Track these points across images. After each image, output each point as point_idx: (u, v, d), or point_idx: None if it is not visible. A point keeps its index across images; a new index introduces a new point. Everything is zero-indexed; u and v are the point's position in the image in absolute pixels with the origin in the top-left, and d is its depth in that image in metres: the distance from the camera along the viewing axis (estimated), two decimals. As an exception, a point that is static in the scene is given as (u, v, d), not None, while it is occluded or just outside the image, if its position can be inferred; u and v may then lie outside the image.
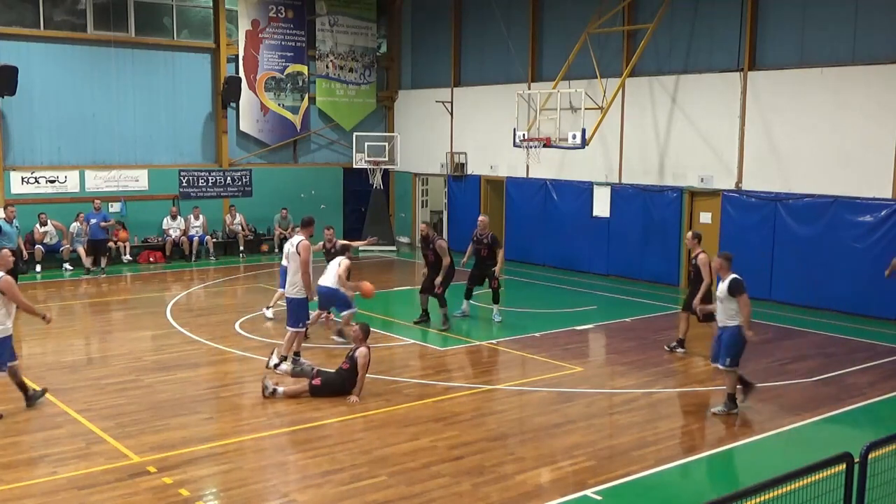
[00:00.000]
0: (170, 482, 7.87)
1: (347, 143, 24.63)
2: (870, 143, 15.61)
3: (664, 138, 18.98)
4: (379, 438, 9.11)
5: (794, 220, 16.72)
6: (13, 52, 19.75)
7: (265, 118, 23.60)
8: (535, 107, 18.29)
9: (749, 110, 17.37)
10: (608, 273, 19.93)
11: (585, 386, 11.29)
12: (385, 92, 25.98)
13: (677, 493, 8.10)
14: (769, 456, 8.90)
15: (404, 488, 7.81)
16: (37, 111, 20.40)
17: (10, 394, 10.59)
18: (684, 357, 12.91)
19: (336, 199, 25.20)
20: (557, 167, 20.89)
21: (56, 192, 20.65)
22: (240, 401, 10.59)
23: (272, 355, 11.51)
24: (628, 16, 19.26)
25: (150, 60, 21.80)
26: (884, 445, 5.83)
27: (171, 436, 9.11)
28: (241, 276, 20.16)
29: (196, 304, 16.88)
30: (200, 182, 22.82)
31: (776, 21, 17.06)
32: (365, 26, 25.09)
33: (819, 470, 5.32)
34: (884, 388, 11.30)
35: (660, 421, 9.91)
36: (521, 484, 7.97)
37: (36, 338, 13.91)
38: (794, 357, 12.89)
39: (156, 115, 22.06)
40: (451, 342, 13.58)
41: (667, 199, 18.86)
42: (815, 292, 16.40)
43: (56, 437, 9.07)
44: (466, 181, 23.60)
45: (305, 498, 7.64)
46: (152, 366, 11.98)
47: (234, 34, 23.01)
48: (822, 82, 16.22)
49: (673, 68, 18.79)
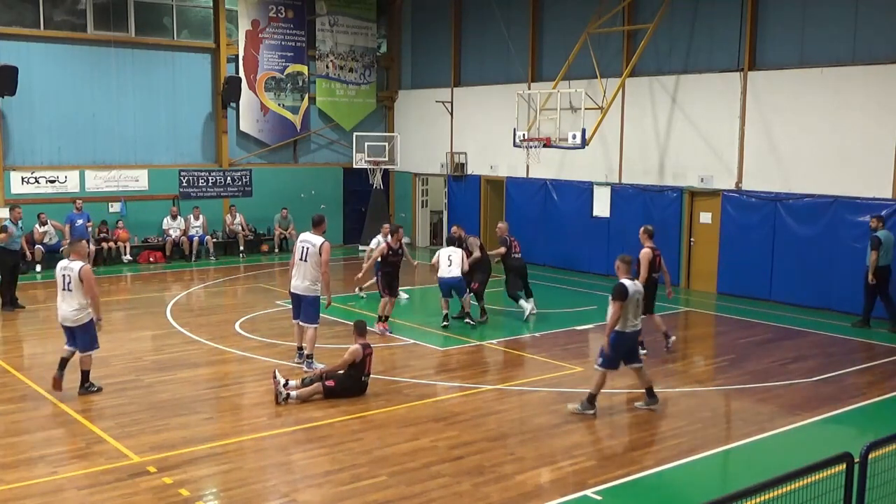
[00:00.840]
0: (170, 482, 7.87)
1: (347, 143, 24.64)
2: (870, 143, 15.62)
3: (664, 138, 18.98)
4: (379, 438, 9.11)
5: (794, 220, 16.73)
6: (13, 52, 19.76)
7: (265, 118, 23.60)
8: (535, 107, 18.29)
9: (749, 110, 17.37)
10: (608, 273, 19.87)
11: (585, 386, 11.26)
12: (385, 92, 25.98)
13: (677, 493, 8.11)
14: (769, 456, 8.90)
15: (404, 488, 7.81)
16: (37, 111, 20.40)
17: (11, 394, 10.60)
18: (684, 357, 12.91)
19: (336, 199, 25.20)
20: (557, 167, 20.89)
21: (56, 192, 20.65)
22: (240, 401, 10.60)
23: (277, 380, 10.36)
24: (628, 16, 19.26)
25: (150, 60, 21.80)
26: (884, 445, 5.82)
27: (171, 436, 9.10)
28: (241, 276, 20.16)
29: (196, 304, 16.88)
30: (200, 182, 22.83)
31: (776, 21, 17.06)
32: (365, 26, 25.09)
33: (819, 470, 5.32)
34: (884, 388, 11.30)
35: (660, 421, 9.91)
36: (521, 484, 7.97)
37: (36, 338, 13.92)
38: (794, 357, 12.89)
39: (156, 115, 22.06)
40: (451, 342, 13.58)
41: (667, 199, 18.86)
42: (815, 292, 16.40)
43: (56, 437, 9.07)
44: (466, 181, 23.60)
45: (305, 498, 7.64)
46: (152, 366, 11.98)
47: (234, 34, 23.01)
48: (822, 82, 16.22)
49: (673, 68, 18.79)
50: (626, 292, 9.75)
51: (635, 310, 9.96)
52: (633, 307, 9.88)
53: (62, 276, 10.31)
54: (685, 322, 16.08)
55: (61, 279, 10.33)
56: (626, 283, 9.87)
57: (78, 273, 10.18)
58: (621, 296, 9.73)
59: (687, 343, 14.74)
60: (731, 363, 12.66)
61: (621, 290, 9.76)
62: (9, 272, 15.72)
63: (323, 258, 11.38)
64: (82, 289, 10.21)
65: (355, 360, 10.39)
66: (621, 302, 9.72)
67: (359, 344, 10.47)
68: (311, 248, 11.51)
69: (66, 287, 10.27)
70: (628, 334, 9.95)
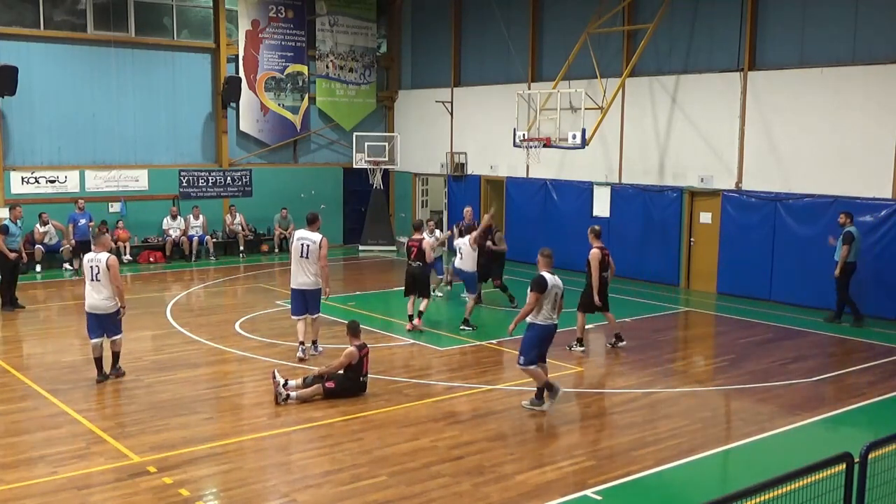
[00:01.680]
0: (170, 482, 7.87)
1: (347, 143, 24.63)
2: (870, 143, 15.61)
3: (664, 138, 18.98)
4: (379, 438, 9.11)
5: (794, 220, 16.73)
6: (13, 52, 19.75)
7: (265, 118, 23.60)
8: (535, 107, 18.29)
9: (749, 110, 17.37)
10: (608, 273, 19.90)
11: (585, 386, 11.29)
12: (385, 92, 25.98)
13: (677, 493, 8.11)
14: (769, 456, 8.90)
15: (404, 488, 7.81)
16: (37, 111, 20.40)
17: (11, 394, 10.61)
18: (685, 357, 12.91)
19: (336, 199, 25.20)
20: (557, 167, 20.89)
21: (56, 192, 20.64)
22: (240, 401, 10.60)
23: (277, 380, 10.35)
24: (628, 16, 19.26)
25: (150, 60, 21.80)
26: (884, 445, 5.83)
27: (171, 436, 9.10)
28: (241, 276, 20.16)
29: (196, 304, 16.88)
30: (200, 182, 22.83)
31: (776, 21, 17.06)
32: (365, 26, 25.09)
33: (819, 470, 5.32)
34: (884, 388, 11.30)
35: (660, 421, 9.91)
36: (521, 484, 7.97)
37: (36, 338, 13.93)
38: (794, 357, 12.88)
39: (156, 115, 22.06)
40: (451, 342, 13.58)
41: (667, 199, 18.86)
42: (815, 292, 16.39)
43: (56, 437, 9.07)
44: (466, 181, 23.60)
45: (305, 498, 7.64)
46: (152, 366, 11.97)
47: (234, 34, 23.01)
48: (822, 82, 16.22)
49: (673, 68, 18.79)
50: (545, 284, 9.87)
51: (553, 304, 10.03)
52: (550, 301, 9.96)
53: (90, 268, 10.80)
54: (685, 322, 16.09)
55: (89, 270, 10.80)
56: (545, 276, 9.98)
57: (105, 263, 10.72)
58: (539, 287, 9.85)
59: (687, 343, 14.76)
60: (731, 363, 12.66)
61: (540, 281, 9.90)
62: (9, 272, 15.72)
63: (322, 252, 12.03)
64: (110, 278, 10.71)
65: (352, 361, 10.42)
66: (538, 294, 9.84)
67: (354, 346, 10.48)
68: (311, 245, 12.02)
69: (95, 278, 10.77)
70: (545, 327, 10.02)
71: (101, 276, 10.72)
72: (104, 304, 10.82)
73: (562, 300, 10.23)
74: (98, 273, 10.73)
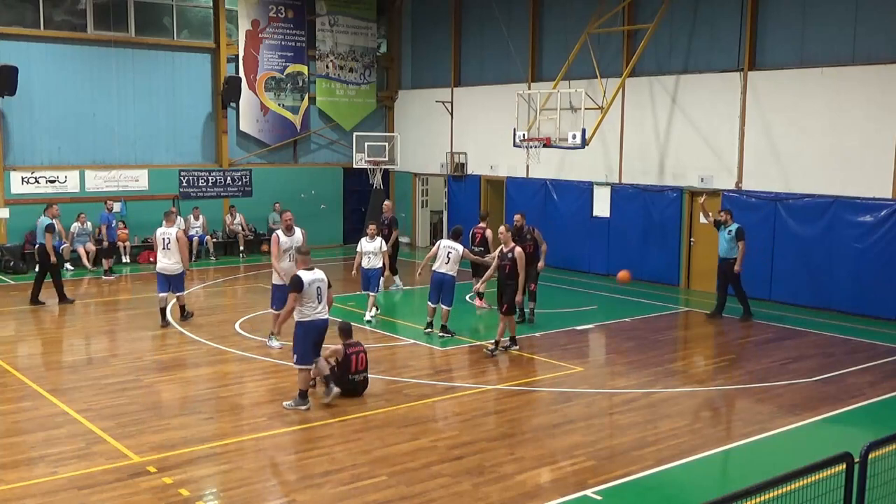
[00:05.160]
0: (170, 482, 7.87)
1: (347, 143, 24.63)
2: (870, 144, 15.61)
3: (664, 138, 18.98)
4: (379, 438, 9.11)
5: (794, 220, 16.73)
6: (13, 52, 19.75)
7: (265, 118, 23.60)
8: (535, 107, 18.28)
9: (749, 110, 17.37)
10: (608, 273, 19.90)
11: (585, 386, 11.29)
12: (385, 92, 25.98)
13: (677, 493, 8.10)
14: (769, 456, 8.90)
15: (404, 488, 7.81)
16: (37, 111, 20.40)
17: (11, 394, 10.61)
18: (685, 357, 12.91)
19: (336, 199, 25.21)
20: (557, 167, 20.89)
21: (56, 192, 20.62)
22: (240, 401, 10.60)
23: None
24: (628, 16, 19.26)
25: (150, 60, 21.80)
26: (884, 445, 5.82)
27: (171, 436, 9.10)
28: (241, 276, 20.16)
29: (196, 304, 16.84)
30: (200, 182, 22.83)
31: (776, 21, 17.06)
32: (365, 26, 25.09)
33: (819, 470, 5.32)
34: (884, 388, 11.30)
35: (660, 421, 9.91)
36: (521, 484, 7.97)
37: (36, 337, 13.92)
38: (794, 357, 12.88)
39: (156, 115, 22.06)
40: (451, 342, 13.57)
41: (667, 199, 18.86)
42: (815, 292, 16.40)
43: (56, 437, 9.07)
44: (466, 181, 23.60)
45: (305, 498, 7.63)
46: (152, 366, 11.98)
47: (234, 34, 23.01)
48: (822, 82, 16.22)
49: (673, 68, 18.79)
50: (301, 284, 9.92)
51: (316, 298, 10.03)
52: (312, 297, 9.98)
53: (162, 239, 13.99)
54: (685, 322, 16.09)
55: (161, 241, 13.98)
56: (302, 275, 10.02)
57: (175, 235, 13.99)
58: (297, 287, 9.92)
59: (687, 343, 14.76)
60: (731, 363, 12.67)
61: (297, 281, 9.97)
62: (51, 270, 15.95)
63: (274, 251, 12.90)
64: (177, 247, 13.85)
65: (337, 358, 10.46)
66: (296, 293, 9.90)
67: (341, 345, 10.54)
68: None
69: (166, 246, 13.95)
70: (314, 323, 10.03)
71: (171, 245, 13.89)
72: (173, 266, 13.95)
73: (330, 291, 10.27)
74: (168, 243, 13.90)
